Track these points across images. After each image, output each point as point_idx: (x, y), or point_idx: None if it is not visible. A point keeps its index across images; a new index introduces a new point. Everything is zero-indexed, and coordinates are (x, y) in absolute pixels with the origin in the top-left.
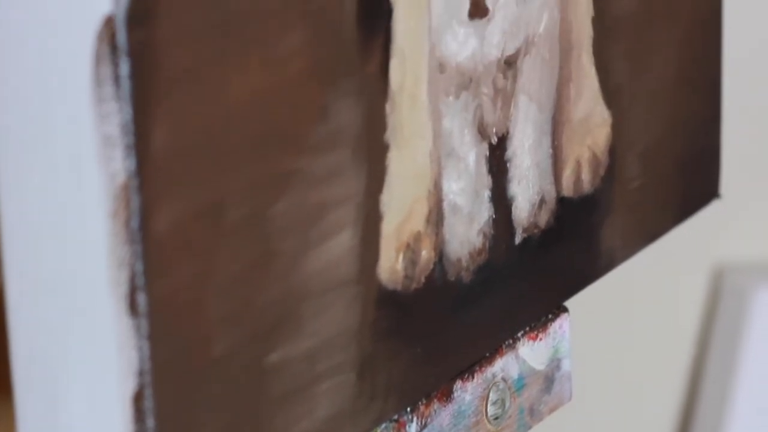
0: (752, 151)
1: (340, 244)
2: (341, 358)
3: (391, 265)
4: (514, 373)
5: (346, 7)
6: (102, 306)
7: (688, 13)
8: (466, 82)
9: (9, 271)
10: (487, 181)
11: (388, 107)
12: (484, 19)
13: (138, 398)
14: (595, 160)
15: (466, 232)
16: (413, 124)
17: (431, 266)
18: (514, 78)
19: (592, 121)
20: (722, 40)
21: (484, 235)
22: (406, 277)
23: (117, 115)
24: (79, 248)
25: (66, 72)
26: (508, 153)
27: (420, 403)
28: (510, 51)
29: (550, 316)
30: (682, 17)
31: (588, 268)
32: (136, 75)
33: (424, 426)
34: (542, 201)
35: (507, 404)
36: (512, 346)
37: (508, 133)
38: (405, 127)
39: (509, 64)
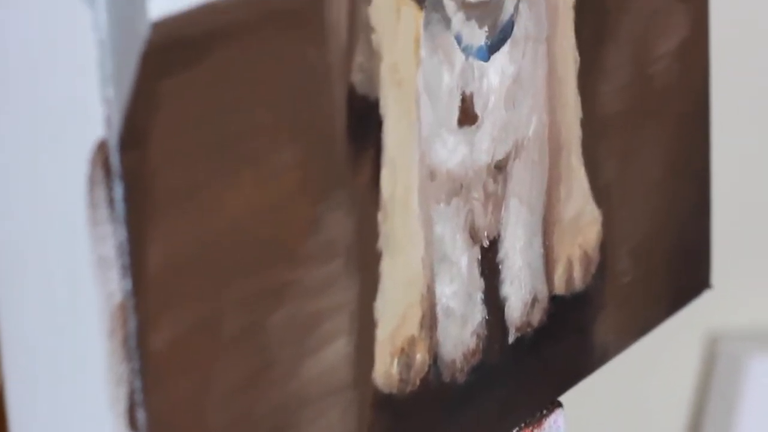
0: (746, 223)
1: (335, 351)
2: None
3: (386, 370)
4: None
5: (337, 121)
6: (102, 422)
7: (676, 108)
8: (457, 188)
9: (10, 391)
10: (479, 283)
11: (380, 216)
12: (474, 126)
13: None
14: (586, 258)
15: (460, 334)
16: (405, 232)
17: (426, 369)
18: (505, 182)
19: (583, 219)
20: (710, 131)
21: (478, 336)
22: (401, 380)
23: (112, 237)
24: (78, 366)
25: (61, 195)
26: (500, 255)
27: None
28: (500, 156)
29: (544, 411)
30: (670, 112)
31: (581, 363)
32: (130, 198)
33: None
34: (535, 300)
35: None
36: None
37: (499, 235)
38: (397, 236)
39: (499, 168)
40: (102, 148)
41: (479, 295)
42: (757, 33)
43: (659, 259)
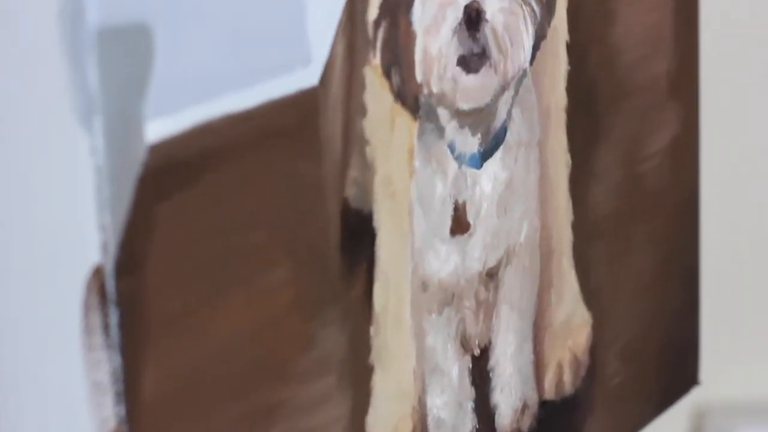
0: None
1: None
2: None
3: None
4: None
5: (330, 236)
6: None
7: (666, 206)
8: (449, 297)
9: None
10: (470, 392)
11: (372, 330)
12: (466, 234)
13: None
14: (576, 361)
15: None
16: (397, 345)
17: None
18: (496, 289)
19: (573, 322)
20: (699, 226)
21: None
22: None
23: (107, 363)
24: None
25: (56, 321)
26: (491, 363)
27: None
28: (491, 263)
29: None
30: (660, 210)
31: None
32: (125, 324)
33: None
34: (525, 406)
35: None
36: None
37: (490, 343)
38: (389, 349)
39: (491, 275)
40: (98, 273)
41: (470, 405)
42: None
43: (648, 359)
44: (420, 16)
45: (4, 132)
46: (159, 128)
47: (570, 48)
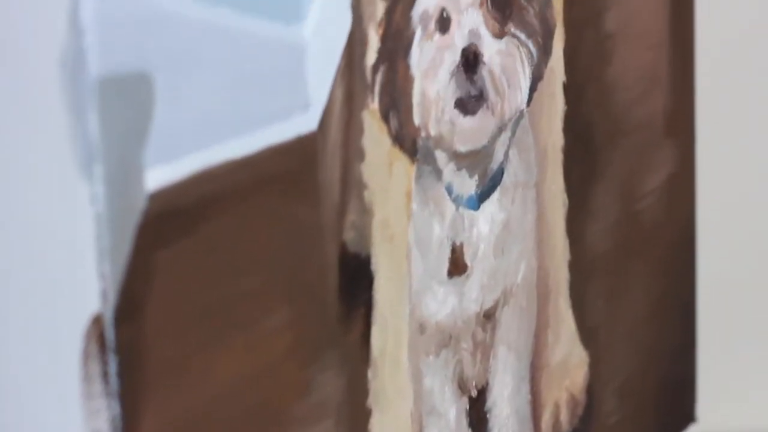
0: (732, 329)
1: None
2: None
3: None
4: None
5: (329, 280)
6: None
7: (663, 243)
8: (446, 339)
9: None
10: None
11: (370, 373)
12: (463, 276)
13: None
14: (573, 400)
15: None
16: (395, 388)
17: None
18: (493, 330)
19: (570, 362)
20: (696, 264)
21: None
22: None
23: (106, 412)
24: None
25: (56, 369)
26: (488, 404)
27: None
28: (489, 304)
29: None
30: (657, 248)
31: None
32: (125, 372)
33: None
34: None
35: None
36: None
37: (487, 384)
38: (387, 392)
39: (488, 316)
40: (97, 322)
41: None
42: (742, 163)
43: (646, 396)
44: (418, 59)
45: (5, 179)
46: (159, 176)
47: (567, 88)
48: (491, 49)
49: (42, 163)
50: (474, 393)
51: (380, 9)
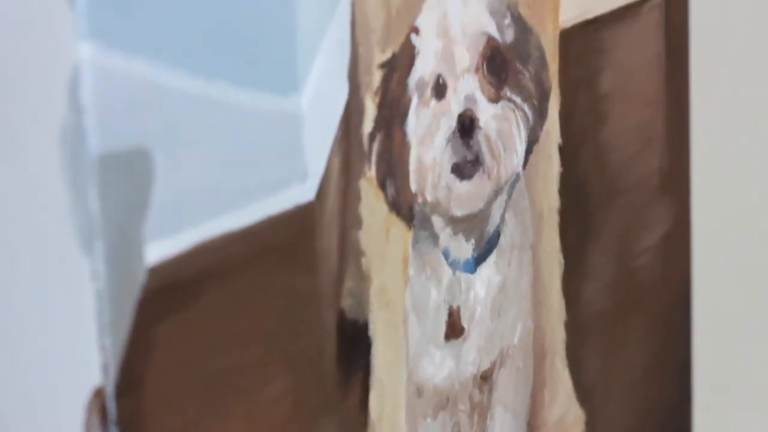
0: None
1: None
2: None
3: None
4: None
5: (327, 348)
6: None
7: (658, 301)
8: (443, 401)
9: None
10: None
11: None
12: (460, 339)
13: None
14: None
15: None
16: None
17: None
18: (490, 391)
19: (567, 421)
20: (691, 321)
21: None
22: None
23: None
24: None
25: None
26: None
27: None
28: (485, 365)
29: None
30: (653, 305)
31: None
32: None
33: None
34: None
35: None
36: None
37: None
38: None
39: (485, 378)
40: (99, 395)
41: None
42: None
43: None
44: (414, 126)
45: (7, 256)
46: (158, 250)
47: (562, 150)
48: (487, 114)
49: (43, 240)
50: None
51: (377, 78)
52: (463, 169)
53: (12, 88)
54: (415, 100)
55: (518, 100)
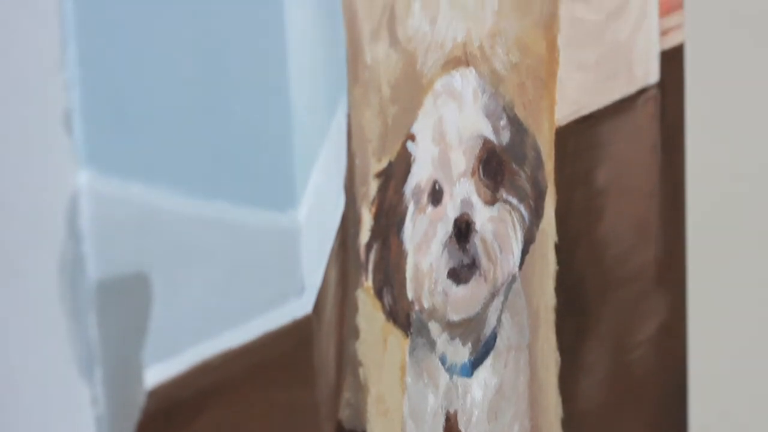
0: None
1: None
2: None
3: None
4: None
5: None
6: None
7: (654, 392)
8: None
9: None
10: None
11: None
12: None
13: None
14: None
15: None
16: None
17: None
18: None
19: None
20: (688, 412)
21: None
22: None
23: None
24: None
25: None
26: None
27: None
28: None
29: None
30: (648, 396)
31: None
32: None
33: None
34: None
35: None
36: None
37: None
38: None
39: None
40: None
41: None
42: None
43: None
44: (411, 234)
45: (6, 384)
46: (157, 373)
47: (558, 248)
48: (483, 217)
49: (43, 367)
50: None
51: (373, 188)
52: (459, 274)
53: (10, 216)
54: (411, 208)
55: (514, 201)
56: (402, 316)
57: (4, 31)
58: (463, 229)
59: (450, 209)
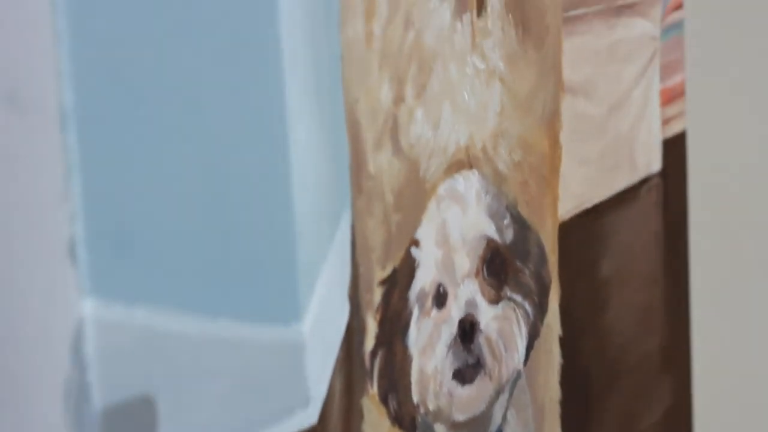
0: None
1: None
2: None
3: None
4: None
5: None
6: None
7: None
8: None
9: None
10: None
11: None
12: None
13: None
14: None
15: None
16: None
17: None
18: None
19: None
20: None
21: None
22: None
23: None
24: None
25: None
26: None
27: None
28: None
29: None
30: None
31: None
32: None
33: None
34: None
35: None
36: None
37: None
38: None
39: None
40: None
41: None
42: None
43: None
44: (416, 338)
45: None
46: None
47: (563, 341)
48: (487, 316)
49: None
50: None
51: (378, 295)
52: (464, 374)
53: (16, 345)
54: (415, 312)
55: (518, 298)
56: (407, 420)
57: (10, 163)
58: (467, 330)
59: (454, 311)
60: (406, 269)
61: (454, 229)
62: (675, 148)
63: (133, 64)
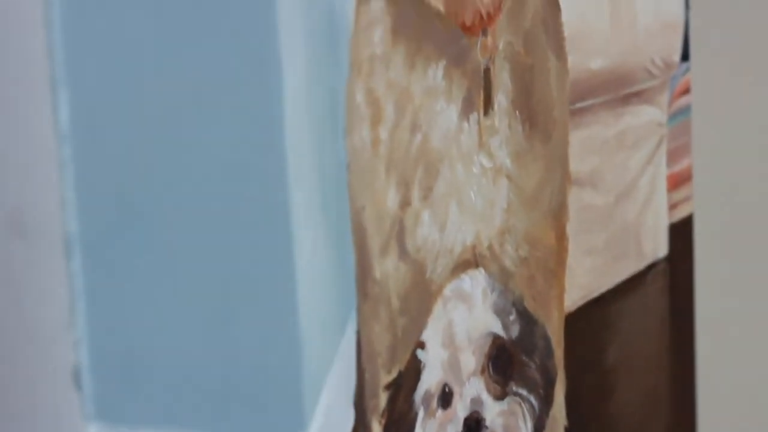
0: None
1: None
2: None
3: None
4: None
5: None
6: None
7: None
8: None
9: None
10: None
11: None
12: None
13: None
14: None
15: None
16: None
17: None
18: None
19: None
20: None
21: None
22: None
23: None
24: None
25: None
26: None
27: None
28: None
29: None
30: None
31: None
32: None
33: None
34: None
35: None
36: None
37: None
38: None
39: None
40: None
41: None
42: None
43: None
44: None
45: None
46: None
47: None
48: (493, 412)
49: None
50: None
51: (383, 400)
52: None
53: None
54: (421, 414)
55: (524, 392)
56: None
57: (15, 290)
58: (473, 428)
59: (460, 409)
60: (412, 372)
61: (460, 328)
62: (681, 232)
63: (137, 191)
